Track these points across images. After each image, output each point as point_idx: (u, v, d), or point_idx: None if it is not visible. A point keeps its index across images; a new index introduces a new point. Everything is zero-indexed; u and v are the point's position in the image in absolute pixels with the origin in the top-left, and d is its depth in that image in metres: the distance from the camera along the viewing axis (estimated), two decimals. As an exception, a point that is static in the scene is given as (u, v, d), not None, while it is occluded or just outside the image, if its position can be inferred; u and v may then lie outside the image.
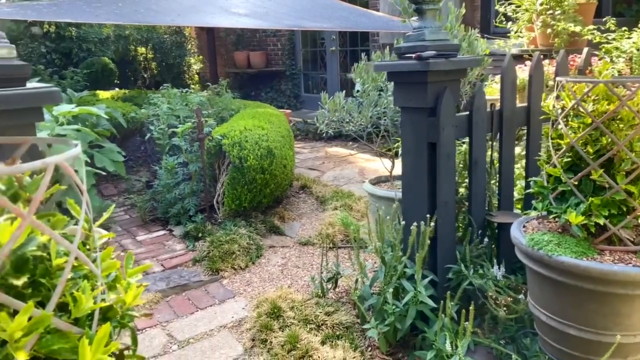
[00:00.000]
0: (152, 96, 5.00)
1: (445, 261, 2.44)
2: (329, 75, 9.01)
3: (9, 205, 0.69)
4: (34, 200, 0.73)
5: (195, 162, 4.04)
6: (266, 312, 2.71)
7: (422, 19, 2.37)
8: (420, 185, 2.42)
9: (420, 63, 2.22)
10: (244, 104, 5.76)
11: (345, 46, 8.77)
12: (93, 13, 4.77)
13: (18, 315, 0.70)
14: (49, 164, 0.75)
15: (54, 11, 4.89)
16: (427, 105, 2.30)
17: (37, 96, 1.42)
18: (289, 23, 5.26)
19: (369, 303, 2.48)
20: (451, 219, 2.45)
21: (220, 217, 4.04)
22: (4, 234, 0.73)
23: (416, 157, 2.41)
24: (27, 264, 0.78)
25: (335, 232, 3.75)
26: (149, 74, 10.80)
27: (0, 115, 1.42)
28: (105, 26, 9.70)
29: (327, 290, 2.88)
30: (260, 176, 3.89)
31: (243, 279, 3.27)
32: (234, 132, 3.95)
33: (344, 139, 7.34)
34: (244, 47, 10.43)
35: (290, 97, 9.66)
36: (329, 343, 2.47)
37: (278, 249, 3.72)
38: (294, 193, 4.88)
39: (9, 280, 0.75)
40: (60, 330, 0.79)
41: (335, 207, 4.32)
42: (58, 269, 0.83)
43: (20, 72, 1.45)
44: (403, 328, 2.34)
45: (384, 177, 3.57)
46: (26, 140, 0.99)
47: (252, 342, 2.54)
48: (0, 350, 0.72)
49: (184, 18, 4.90)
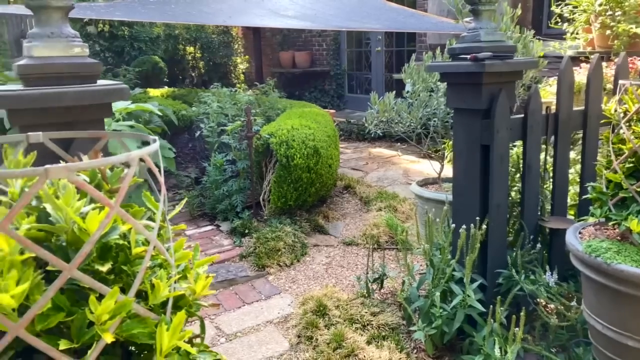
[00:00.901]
0: (203, 95, 5.11)
1: (495, 265, 2.41)
2: (373, 75, 8.98)
3: (99, 196, 0.73)
4: (121, 190, 0.77)
5: (243, 160, 4.11)
6: (312, 309, 2.74)
7: (478, 19, 2.35)
8: (472, 187, 2.39)
9: (476, 64, 2.20)
10: (290, 103, 5.81)
11: (390, 46, 8.72)
12: (148, 14, 4.92)
13: (105, 299, 0.75)
14: (134, 157, 0.79)
15: (111, 12, 5.08)
16: (482, 107, 2.28)
17: (108, 93, 1.49)
18: (337, 24, 5.28)
19: (416, 305, 2.47)
20: (503, 223, 2.41)
21: (266, 215, 4.10)
22: (93, 223, 0.77)
23: (468, 159, 2.38)
24: (110, 252, 0.83)
25: (380, 233, 3.75)
26: (197, 73, 11.04)
27: (72, 111, 1.49)
28: (155, 25, 9.99)
29: (372, 291, 2.88)
30: (306, 175, 3.93)
31: (288, 276, 3.31)
32: (281, 131, 4.00)
33: (387, 140, 7.31)
34: (290, 47, 10.53)
35: (333, 97, 9.68)
36: (375, 343, 2.48)
37: (322, 248, 3.75)
38: (337, 193, 4.90)
39: (94, 267, 0.80)
40: (138, 315, 0.83)
41: (380, 208, 4.31)
42: (136, 257, 0.87)
43: (92, 70, 1.52)
44: (450, 331, 2.32)
45: (431, 179, 3.54)
46: (105, 135, 1.04)
47: (298, 339, 2.57)
48: (88, 331, 0.76)
49: (234, 19, 4.99)
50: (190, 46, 10.88)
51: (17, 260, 0.76)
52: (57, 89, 1.42)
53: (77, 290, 0.82)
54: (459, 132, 2.42)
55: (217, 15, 5.05)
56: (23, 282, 0.74)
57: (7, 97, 1.36)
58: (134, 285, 0.80)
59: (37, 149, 1.00)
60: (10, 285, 0.71)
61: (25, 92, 1.38)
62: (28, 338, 0.71)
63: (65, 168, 0.69)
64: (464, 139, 2.39)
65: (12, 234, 0.68)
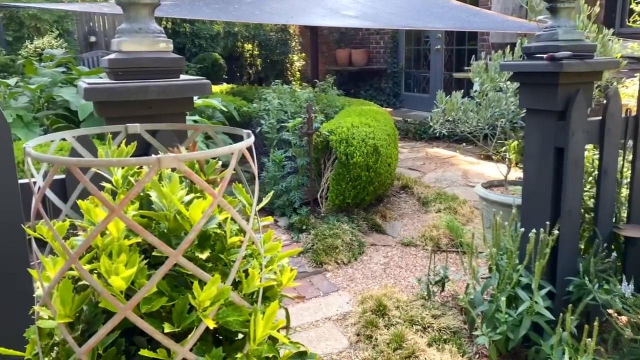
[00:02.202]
0: (264, 91, 5.18)
1: (565, 273, 2.32)
2: (432, 74, 8.84)
3: (206, 185, 0.75)
4: (224, 181, 0.79)
5: (303, 157, 4.14)
6: (371, 308, 2.73)
7: (556, 17, 2.27)
8: (543, 191, 2.31)
9: (553, 64, 2.12)
10: (348, 101, 5.81)
11: (451, 45, 8.55)
12: (212, 14, 5.05)
13: (206, 286, 0.77)
14: (236, 150, 0.81)
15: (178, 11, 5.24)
16: (557, 108, 2.20)
17: (191, 87, 1.53)
18: (400, 23, 5.23)
19: (480, 309, 2.42)
20: (575, 229, 2.32)
21: (323, 212, 4.12)
22: (196, 211, 0.80)
23: (540, 162, 2.31)
24: (208, 240, 0.85)
25: (439, 235, 3.69)
26: (254, 70, 11.23)
27: (155, 104, 1.55)
28: (216, 23, 10.22)
29: (433, 293, 2.84)
30: (365, 173, 3.92)
31: (346, 274, 3.31)
32: (341, 129, 4.00)
33: (445, 140, 7.18)
34: (346, 44, 10.52)
35: (389, 95, 9.60)
36: (435, 346, 2.44)
37: (380, 248, 3.73)
38: (394, 192, 4.86)
39: (194, 254, 0.82)
40: (232, 304, 0.85)
41: (439, 210, 4.24)
42: (231, 247, 0.89)
43: (175, 65, 1.57)
44: (515, 338, 2.26)
45: (496, 182, 3.45)
46: (197, 128, 1.07)
47: (357, 337, 2.57)
48: (188, 316, 0.79)
49: (296, 19, 5.04)
50: (249, 43, 11.08)
51: (125, 244, 0.79)
52: (143, 82, 1.48)
53: (175, 276, 0.85)
54: (531, 134, 2.34)
55: (280, 14, 5.12)
56: (130, 266, 0.77)
57: (98, 90, 1.43)
58: (232, 273, 0.81)
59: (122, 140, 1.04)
60: (120, 268, 0.74)
61: (114, 85, 1.44)
62: (135, 320, 0.74)
63: (175, 158, 0.71)
64: (537, 140, 2.31)
65: (126, 219, 0.71)
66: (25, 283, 1.39)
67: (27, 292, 1.39)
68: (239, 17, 5.10)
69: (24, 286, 1.38)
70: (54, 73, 4.63)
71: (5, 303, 1.36)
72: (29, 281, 1.40)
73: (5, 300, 1.36)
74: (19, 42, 8.62)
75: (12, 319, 1.35)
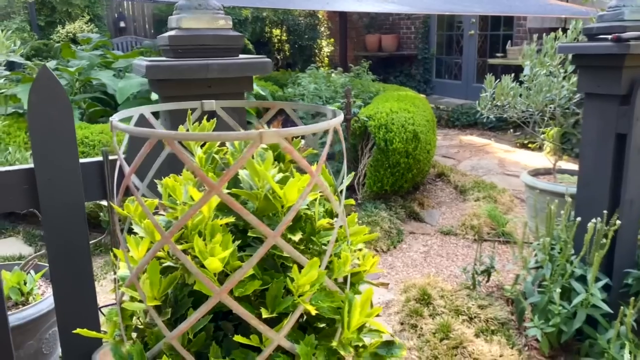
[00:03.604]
0: (300, 76, 5.12)
1: (623, 265, 2.23)
2: (464, 60, 8.64)
3: (305, 164, 0.70)
4: (321, 159, 0.75)
5: (339, 143, 4.08)
6: (415, 297, 2.67)
7: (621, -4, 2.15)
8: (602, 179, 2.22)
9: (618, 45, 2.02)
10: (383, 86, 5.72)
11: (485, 30, 8.33)
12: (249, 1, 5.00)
13: (304, 270, 0.72)
14: (332, 125, 0.76)
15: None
16: (620, 92, 2.10)
17: (252, 66, 1.48)
18: (439, 8, 5.10)
19: (531, 300, 2.35)
20: (635, 219, 2.22)
21: (359, 198, 4.06)
22: (292, 190, 0.75)
23: (600, 149, 2.21)
24: (300, 222, 0.81)
25: (480, 224, 3.61)
26: (282, 56, 11.14)
27: (215, 83, 1.50)
28: (244, 8, 10.15)
29: (478, 283, 2.78)
30: (404, 160, 3.84)
31: (385, 262, 3.26)
32: (380, 114, 3.93)
33: (478, 128, 7.04)
34: (376, 30, 10.36)
35: (420, 82, 9.43)
36: (483, 337, 2.38)
37: (418, 236, 3.66)
38: (430, 180, 4.77)
39: (287, 235, 0.78)
40: (325, 289, 0.80)
41: (477, 198, 4.15)
42: (320, 229, 0.84)
43: (235, 42, 1.52)
44: (569, 331, 2.18)
45: (542, 170, 3.34)
46: (274, 105, 1.03)
47: (402, 326, 2.52)
48: (283, 301, 0.74)
49: (332, 4, 4.95)
50: (277, 29, 10.98)
51: (218, 225, 0.75)
52: (203, 60, 1.43)
53: (265, 259, 0.80)
54: (590, 119, 2.24)
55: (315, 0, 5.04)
56: (224, 247, 0.73)
57: (160, 67, 1.39)
58: (325, 257, 0.77)
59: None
60: (217, 249, 0.70)
61: (175, 63, 1.40)
62: (231, 303, 0.70)
63: (277, 133, 0.67)
64: (597, 126, 2.21)
65: (226, 197, 0.66)
66: (85, 262, 1.37)
67: (86, 271, 1.38)
68: (274, 4, 5.04)
69: (84, 266, 1.36)
70: (91, 56, 4.65)
71: (67, 282, 1.34)
72: (88, 261, 1.39)
73: (67, 278, 1.34)
74: (50, 27, 8.70)
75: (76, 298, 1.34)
